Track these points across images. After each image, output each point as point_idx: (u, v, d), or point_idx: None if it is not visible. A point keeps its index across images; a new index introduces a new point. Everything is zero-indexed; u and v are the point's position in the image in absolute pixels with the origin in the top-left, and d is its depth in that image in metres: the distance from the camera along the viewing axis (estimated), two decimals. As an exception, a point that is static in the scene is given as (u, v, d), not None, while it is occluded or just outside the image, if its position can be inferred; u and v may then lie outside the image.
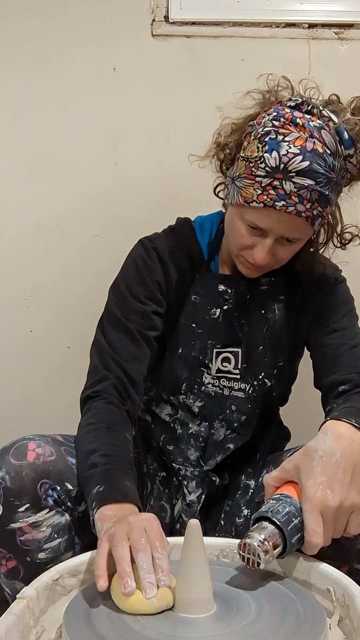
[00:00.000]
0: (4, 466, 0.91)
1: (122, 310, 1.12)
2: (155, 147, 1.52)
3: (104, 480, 0.89)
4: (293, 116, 1.00)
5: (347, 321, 1.16)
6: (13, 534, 0.91)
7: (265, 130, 1.01)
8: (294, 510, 0.82)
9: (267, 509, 0.82)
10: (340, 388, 1.08)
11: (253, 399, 1.16)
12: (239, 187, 1.04)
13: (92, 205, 1.52)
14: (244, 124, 1.08)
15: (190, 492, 1.12)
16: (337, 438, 0.85)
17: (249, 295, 1.16)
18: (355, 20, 1.50)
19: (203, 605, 0.73)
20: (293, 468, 0.86)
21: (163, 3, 1.50)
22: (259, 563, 0.78)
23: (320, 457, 0.83)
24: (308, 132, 0.99)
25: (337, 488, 0.81)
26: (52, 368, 1.56)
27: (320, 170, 0.98)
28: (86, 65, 1.50)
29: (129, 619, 0.72)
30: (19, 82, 1.50)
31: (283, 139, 0.99)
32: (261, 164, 1.00)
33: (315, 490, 0.81)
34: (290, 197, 0.99)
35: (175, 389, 1.16)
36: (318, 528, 0.80)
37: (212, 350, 1.15)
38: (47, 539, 0.92)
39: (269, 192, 1.00)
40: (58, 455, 0.96)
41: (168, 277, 1.15)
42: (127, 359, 1.08)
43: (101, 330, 1.13)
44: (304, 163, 0.98)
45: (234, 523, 1.13)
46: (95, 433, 0.99)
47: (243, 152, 1.04)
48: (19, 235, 1.53)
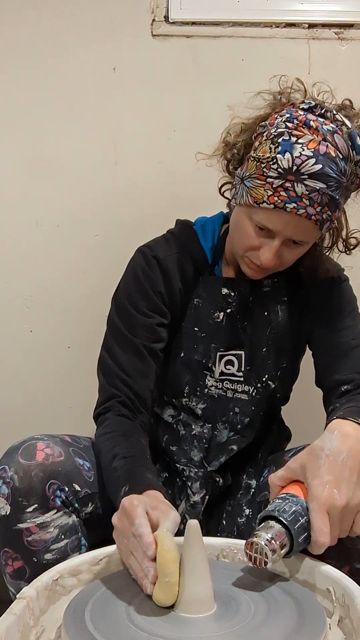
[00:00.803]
0: (13, 466, 0.91)
1: (126, 325, 1.11)
2: (155, 147, 1.52)
3: (128, 480, 0.89)
4: (307, 119, 0.99)
5: (350, 320, 1.16)
6: (20, 534, 0.91)
7: (279, 132, 1.00)
8: (301, 510, 0.81)
9: (273, 508, 0.81)
10: (343, 388, 1.08)
11: (257, 401, 1.16)
12: (248, 187, 1.03)
13: (92, 205, 1.52)
14: (254, 124, 1.07)
15: (194, 493, 1.13)
16: (343, 437, 0.85)
17: (251, 297, 1.16)
18: (355, 20, 1.50)
19: (203, 605, 0.73)
20: (299, 467, 0.85)
21: (163, 3, 1.50)
22: (267, 562, 0.77)
23: (327, 456, 0.83)
24: (321, 136, 0.98)
25: (344, 487, 0.81)
26: (52, 368, 1.56)
27: (332, 174, 0.98)
28: (86, 65, 1.50)
29: (129, 618, 0.72)
30: (19, 82, 1.50)
31: (296, 141, 0.98)
32: (273, 164, 0.99)
33: (322, 490, 0.81)
34: (302, 199, 0.98)
35: (178, 392, 1.16)
36: (325, 527, 0.80)
37: (215, 354, 1.15)
38: (54, 539, 0.92)
39: (280, 194, 0.99)
40: (66, 456, 0.96)
41: (170, 286, 1.14)
42: (133, 376, 1.08)
43: (106, 348, 1.12)
44: (317, 166, 0.97)
45: (235, 523, 1.13)
46: (112, 441, 0.99)
47: (254, 152, 1.03)
48: (19, 236, 1.53)
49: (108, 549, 0.86)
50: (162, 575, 0.73)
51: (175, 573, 0.73)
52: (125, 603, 0.75)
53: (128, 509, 0.79)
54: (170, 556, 0.73)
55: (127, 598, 0.76)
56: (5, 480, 0.90)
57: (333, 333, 1.14)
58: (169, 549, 0.74)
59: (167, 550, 0.73)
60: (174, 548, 0.74)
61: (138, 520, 0.76)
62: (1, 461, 0.93)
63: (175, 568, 0.73)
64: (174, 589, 0.73)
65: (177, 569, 0.74)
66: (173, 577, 0.73)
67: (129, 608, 0.74)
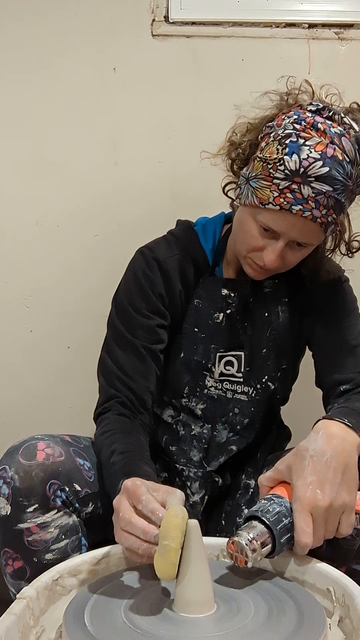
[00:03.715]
0: (14, 466, 0.91)
1: (126, 327, 1.11)
2: (155, 147, 1.51)
3: (125, 473, 0.89)
4: (314, 121, 0.99)
5: (350, 320, 1.16)
6: (21, 534, 0.91)
7: (286, 133, 1.00)
8: (285, 510, 0.82)
9: (257, 509, 0.82)
10: (342, 388, 1.08)
11: (256, 402, 1.16)
12: (254, 188, 1.03)
13: (92, 205, 1.52)
14: (260, 124, 1.07)
15: (194, 493, 1.13)
16: (328, 437, 0.85)
17: (252, 298, 1.16)
18: (355, 20, 1.50)
19: (203, 605, 0.73)
20: (285, 468, 0.86)
21: (163, 3, 1.50)
22: (247, 562, 0.78)
23: (311, 457, 0.83)
24: (329, 138, 0.98)
25: (328, 488, 0.81)
26: (52, 368, 1.56)
27: (338, 177, 0.98)
28: (86, 65, 1.50)
29: (128, 619, 0.72)
30: (19, 83, 1.50)
31: (304, 143, 0.98)
32: (280, 166, 0.99)
33: (305, 490, 0.81)
34: (308, 201, 0.98)
35: (178, 392, 1.17)
36: (307, 528, 0.80)
37: (215, 354, 1.15)
38: (54, 539, 0.92)
39: (287, 195, 0.99)
40: (67, 456, 0.96)
41: (171, 287, 1.14)
42: (133, 377, 1.08)
43: (106, 349, 1.12)
44: (324, 169, 0.97)
45: (234, 523, 1.13)
46: (110, 438, 0.99)
47: (260, 152, 1.03)
48: (19, 235, 1.53)
49: (108, 549, 0.86)
50: (162, 538, 0.71)
51: (176, 539, 0.71)
52: (125, 603, 0.75)
53: (132, 488, 0.78)
54: (175, 521, 0.72)
55: (127, 598, 0.76)
56: (6, 480, 0.90)
57: (333, 333, 1.14)
58: (175, 515, 0.72)
59: (174, 515, 0.72)
60: (182, 515, 0.73)
61: (145, 497, 0.76)
62: (2, 461, 0.93)
63: (178, 534, 0.71)
64: (172, 556, 0.71)
65: (179, 536, 0.71)
66: (173, 542, 0.71)
67: (129, 608, 0.74)
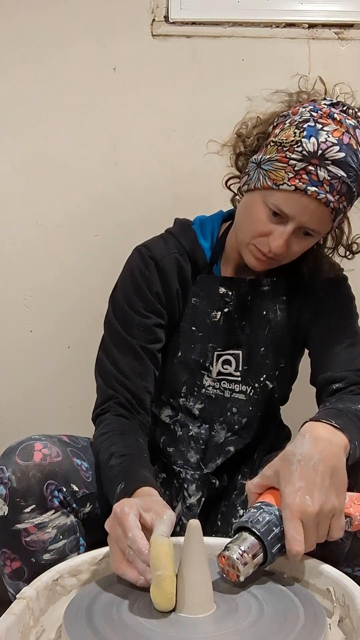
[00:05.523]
0: (11, 466, 0.91)
1: (123, 326, 1.11)
2: (155, 147, 1.51)
3: (123, 477, 0.89)
4: (331, 111, 1.01)
5: (346, 319, 1.15)
6: (18, 535, 0.91)
7: (304, 118, 1.01)
8: (274, 519, 0.80)
9: (247, 519, 0.80)
10: (334, 386, 1.07)
11: (254, 401, 1.16)
12: (266, 171, 1.02)
13: (92, 205, 1.52)
14: (271, 118, 1.08)
15: (191, 495, 1.13)
16: (314, 440, 0.83)
17: (250, 296, 1.15)
18: (355, 20, 1.50)
19: (203, 605, 0.73)
20: (273, 474, 0.83)
21: (163, 3, 1.50)
22: (239, 576, 0.77)
23: (299, 462, 0.81)
24: (345, 127, 1.00)
25: (316, 493, 0.79)
26: (52, 368, 1.56)
27: (353, 164, 0.99)
28: (86, 65, 1.50)
29: (128, 619, 0.72)
30: (19, 82, 1.50)
31: (322, 128, 0.99)
32: (297, 147, 0.99)
33: (294, 497, 0.79)
34: (323, 184, 0.99)
35: (175, 391, 1.16)
36: (298, 536, 0.78)
37: (212, 353, 1.15)
38: (52, 540, 0.92)
39: (302, 177, 0.99)
40: (64, 456, 0.96)
41: (167, 286, 1.13)
42: (130, 377, 1.08)
43: (103, 349, 1.12)
44: (341, 154, 0.98)
45: (230, 523, 1.13)
46: (109, 440, 0.99)
47: (275, 137, 1.04)
48: (19, 236, 1.53)
49: (108, 549, 0.86)
50: (154, 569, 0.71)
51: (168, 566, 0.71)
52: (125, 603, 0.75)
53: (120, 516, 0.77)
54: (162, 550, 0.71)
55: (127, 598, 0.76)
56: (3, 480, 0.90)
57: (329, 331, 1.14)
58: (161, 544, 0.72)
59: (160, 545, 0.72)
60: (166, 543, 0.72)
61: (132, 534, 0.75)
62: None
63: (169, 562, 0.71)
64: (167, 585, 0.70)
65: (170, 563, 0.71)
66: (166, 570, 0.70)
67: (129, 608, 0.74)
